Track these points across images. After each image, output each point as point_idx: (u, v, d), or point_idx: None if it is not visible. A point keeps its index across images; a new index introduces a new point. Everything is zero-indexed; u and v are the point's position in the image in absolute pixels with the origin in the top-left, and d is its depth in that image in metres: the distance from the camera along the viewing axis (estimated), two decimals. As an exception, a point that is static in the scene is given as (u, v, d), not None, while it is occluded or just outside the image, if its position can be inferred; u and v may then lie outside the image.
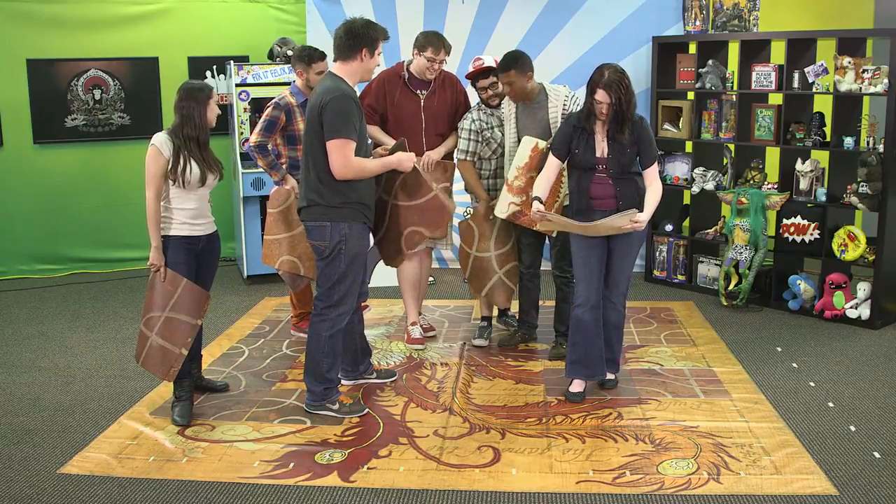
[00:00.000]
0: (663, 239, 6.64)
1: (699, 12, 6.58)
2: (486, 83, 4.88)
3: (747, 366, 4.85)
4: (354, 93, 4.02)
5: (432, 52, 4.80)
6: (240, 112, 6.63)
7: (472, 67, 4.93)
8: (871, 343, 5.26)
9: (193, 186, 4.04)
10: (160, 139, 3.98)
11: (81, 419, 4.26)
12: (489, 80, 4.87)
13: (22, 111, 6.94)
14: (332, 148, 3.87)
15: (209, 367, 4.87)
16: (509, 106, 4.82)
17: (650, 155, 4.20)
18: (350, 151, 3.88)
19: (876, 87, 5.34)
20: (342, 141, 3.86)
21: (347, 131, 3.86)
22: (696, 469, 3.62)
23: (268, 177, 5.86)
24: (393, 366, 4.93)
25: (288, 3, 7.46)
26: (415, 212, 4.62)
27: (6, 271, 7.11)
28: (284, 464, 3.74)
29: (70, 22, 6.96)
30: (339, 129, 3.85)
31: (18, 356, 5.24)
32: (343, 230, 4.00)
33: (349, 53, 3.98)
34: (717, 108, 6.30)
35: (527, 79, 4.64)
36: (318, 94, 3.95)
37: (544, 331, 5.33)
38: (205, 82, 4.16)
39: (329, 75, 4.05)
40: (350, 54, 3.98)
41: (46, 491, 3.53)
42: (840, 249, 5.62)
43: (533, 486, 3.52)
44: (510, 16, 6.80)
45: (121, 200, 7.22)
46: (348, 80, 4.00)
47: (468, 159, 4.96)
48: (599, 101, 4.06)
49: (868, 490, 3.43)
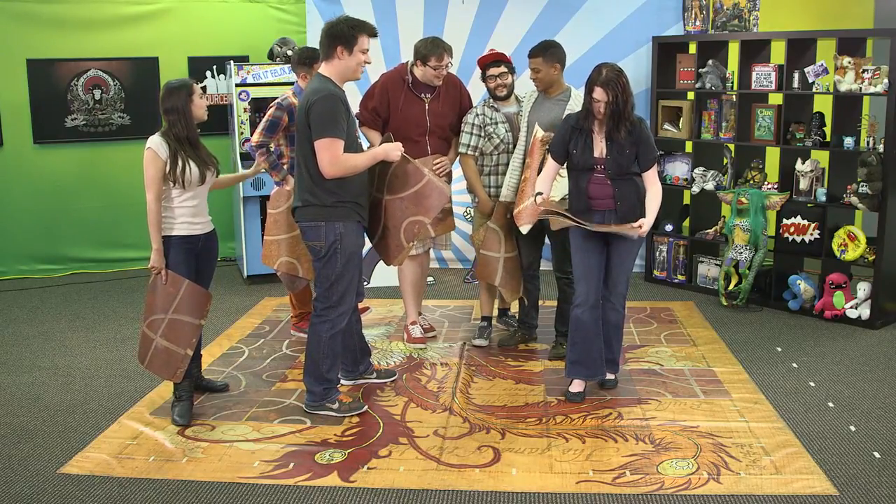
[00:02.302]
0: (663, 239, 6.64)
1: (699, 12, 6.59)
2: (496, 72, 4.88)
3: (747, 366, 4.85)
4: (342, 92, 3.98)
5: (436, 60, 4.77)
6: (240, 112, 6.63)
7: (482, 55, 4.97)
8: (871, 343, 5.26)
9: (193, 186, 4.04)
10: (155, 142, 3.98)
11: (81, 419, 4.26)
12: (499, 69, 4.88)
13: (22, 111, 6.94)
14: (319, 147, 3.86)
15: (209, 367, 4.87)
16: (530, 97, 4.85)
17: (650, 157, 4.19)
18: (338, 149, 3.87)
19: (876, 87, 5.34)
20: (329, 140, 3.85)
21: (334, 130, 3.85)
22: (696, 469, 3.62)
23: (268, 177, 5.86)
24: (393, 366, 4.93)
25: (288, 3, 7.46)
26: (410, 201, 4.57)
27: (6, 271, 7.11)
28: (284, 464, 3.74)
29: (70, 22, 6.96)
30: (326, 128, 3.84)
31: (18, 356, 5.24)
32: (338, 229, 4.00)
33: (327, 52, 3.97)
34: (717, 108, 6.30)
35: (553, 69, 4.69)
36: (305, 95, 3.96)
37: (544, 331, 5.33)
38: (184, 79, 4.11)
39: (316, 76, 4.04)
40: (328, 53, 3.96)
41: (46, 491, 3.53)
42: (840, 249, 5.62)
43: (533, 486, 3.52)
44: (510, 16, 6.81)
45: (121, 200, 7.22)
46: (335, 80, 3.98)
47: (469, 153, 4.97)
48: (597, 100, 4.06)
49: (868, 490, 3.43)
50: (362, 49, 3.97)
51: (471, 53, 6.75)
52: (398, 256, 4.63)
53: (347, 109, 3.98)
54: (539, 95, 4.84)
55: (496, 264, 4.97)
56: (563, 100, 4.76)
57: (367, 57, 4.02)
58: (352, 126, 4.04)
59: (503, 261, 4.97)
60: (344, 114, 3.91)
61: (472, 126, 4.93)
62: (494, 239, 4.95)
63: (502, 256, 4.96)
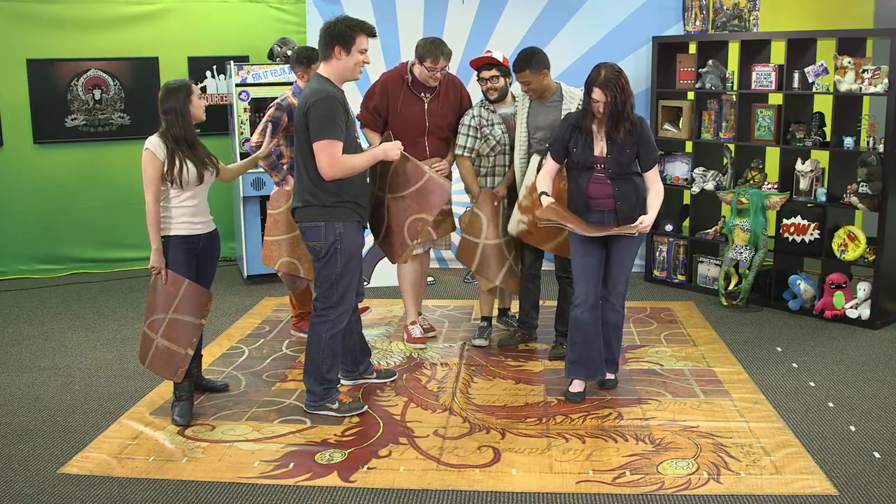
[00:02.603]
0: (663, 239, 6.64)
1: (699, 12, 6.59)
2: (487, 75, 4.89)
3: (747, 366, 4.85)
4: (341, 93, 3.97)
5: (431, 62, 4.77)
6: (240, 112, 6.63)
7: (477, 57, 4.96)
8: (871, 343, 5.26)
9: (191, 186, 4.04)
10: (153, 142, 3.97)
11: (81, 419, 4.26)
12: (490, 73, 4.88)
13: (22, 111, 6.94)
14: (318, 149, 3.86)
15: (209, 367, 4.87)
16: (523, 101, 4.84)
17: (651, 156, 4.19)
18: (337, 151, 3.86)
19: (876, 87, 5.34)
20: (328, 142, 3.84)
21: (333, 132, 3.85)
22: (696, 469, 3.62)
23: (268, 177, 5.86)
24: (393, 366, 4.93)
25: (288, 3, 7.46)
26: (412, 199, 4.56)
27: (6, 271, 7.11)
28: (284, 464, 3.74)
29: (70, 22, 6.96)
30: (325, 130, 3.84)
31: (18, 356, 5.24)
32: (338, 229, 4.00)
33: (325, 52, 3.96)
34: (717, 108, 6.30)
35: (542, 76, 4.67)
36: (304, 96, 3.95)
37: (544, 331, 5.33)
38: (183, 79, 4.12)
39: (315, 77, 4.02)
40: (327, 53, 3.95)
41: (46, 491, 3.53)
42: (840, 249, 5.61)
43: (533, 486, 3.52)
44: (510, 16, 6.80)
45: (121, 200, 7.22)
46: (334, 80, 3.97)
47: (466, 155, 4.97)
48: (596, 100, 4.06)
49: (868, 490, 3.43)
50: (360, 49, 3.95)
51: (471, 53, 6.72)
52: (403, 254, 4.62)
53: (346, 110, 3.98)
54: (533, 101, 4.84)
55: (475, 249, 4.99)
56: (557, 100, 4.77)
57: (365, 57, 3.99)
58: (351, 127, 4.04)
59: (482, 247, 4.98)
60: (343, 115, 3.90)
61: (469, 128, 4.93)
62: (477, 224, 4.98)
63: (482, 243, 4.97)
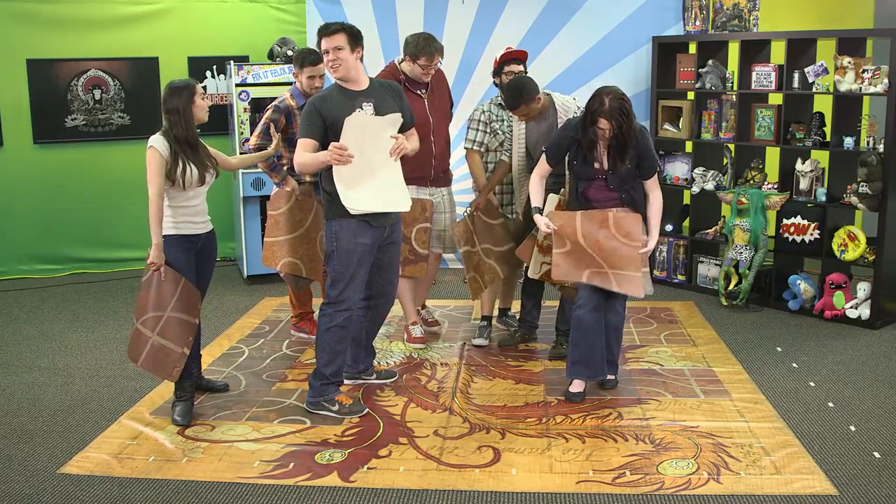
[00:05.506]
0: (663, 239, 6.63)
1: (699, 12, 6.59)
2: (516, 69, 4.94)
3: (747, 366, 4.85)
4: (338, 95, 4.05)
5: (426, 60, 4.76)
6: (240, 112, 6.63)
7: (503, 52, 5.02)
8: (871, 343, 5.26)
9: (193, 187, 4.04)
10: (157, 141, 3.97)
11: (81, 419, 4.26)
12: (519, 68, 4.94)
13: (22, 111, 6.94)
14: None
15: (209, 367, 4.87)
16: (518, 123, 4.87)
17: (650, 167, 4.23)
18: (301, 147, 4.00)
19: (876, 87, 5.34)
20: (299, 140, 4.04)
21: (303, 132, 4.02)
22: (696, 469, 3.62)
23: (268, 177, 5.85)
24: (393, 366, 4.93)
25: (288, 3, 7.46)
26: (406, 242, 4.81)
27: (6, 271, 7.10)
28: (284, 464, 3.74)
29: (70, 22, 6.96)
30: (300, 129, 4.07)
31: (18, 356, 5.24)
32: (334, 227, 4.08)
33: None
34: (717, 108, 6.30)
35: (536, 101, 4.67)
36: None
37: (544, 331, 5.33)
38: (188, 79, 4.12)
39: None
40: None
41: (46, 491, 3.53)
42: (840, 249, 5.61)
43: (533, 486, 3.52)
44: (510, 16, 6.80)
45: (121, 200, 7.22)
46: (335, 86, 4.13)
47: (475, 149, 4.99)
48: (602, 129, 4.07)
49: (868, 490, 3.43)
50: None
51: (471, 53, 6.76)
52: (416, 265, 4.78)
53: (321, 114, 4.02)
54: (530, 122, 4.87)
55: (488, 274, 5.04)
56: (550, 114, 4.79)
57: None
58: (335, 129, 4.02)
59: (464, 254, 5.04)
60: (315, 116, 4.00)
61: (479, 122, 4.95)
62: (461, 231, 5.02)
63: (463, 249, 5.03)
